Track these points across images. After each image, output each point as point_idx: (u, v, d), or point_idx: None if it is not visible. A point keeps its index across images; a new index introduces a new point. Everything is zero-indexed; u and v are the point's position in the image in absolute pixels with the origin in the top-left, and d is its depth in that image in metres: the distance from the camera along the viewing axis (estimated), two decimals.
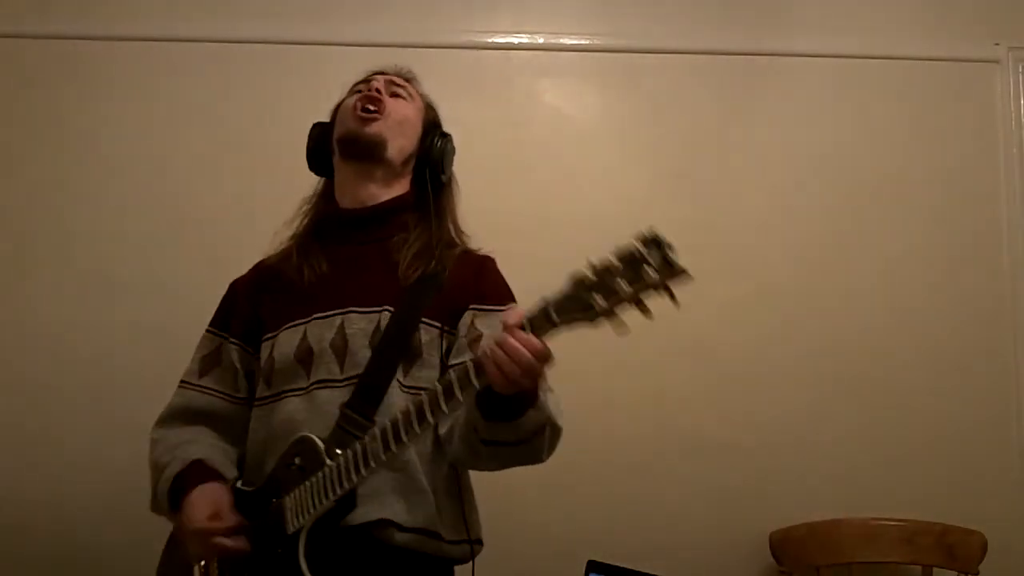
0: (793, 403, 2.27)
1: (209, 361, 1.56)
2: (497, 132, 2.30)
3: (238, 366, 1.54)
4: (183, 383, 1.57)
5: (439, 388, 1.22)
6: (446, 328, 1.46)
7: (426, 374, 1.42)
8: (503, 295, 1.51)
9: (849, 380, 2.29)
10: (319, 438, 1.35)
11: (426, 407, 1.22)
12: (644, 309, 1.11)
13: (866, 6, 2.43)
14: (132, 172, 2.23)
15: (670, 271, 1.08)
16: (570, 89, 2.36)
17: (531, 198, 2.27)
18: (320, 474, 1.31)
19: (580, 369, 1.50)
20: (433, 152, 1.58)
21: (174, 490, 1.42)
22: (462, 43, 2.31)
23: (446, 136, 1.63)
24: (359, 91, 1.56)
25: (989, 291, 2.38)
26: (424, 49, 2.20)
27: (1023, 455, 2.36)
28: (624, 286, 1.09)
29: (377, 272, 1.48)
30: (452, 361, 1.44)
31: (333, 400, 1.40)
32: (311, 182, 1.64)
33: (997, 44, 2.43)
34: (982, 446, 2.34)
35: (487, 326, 1.44)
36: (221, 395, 1.54)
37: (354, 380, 1.40)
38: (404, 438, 1.24)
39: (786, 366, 2.29)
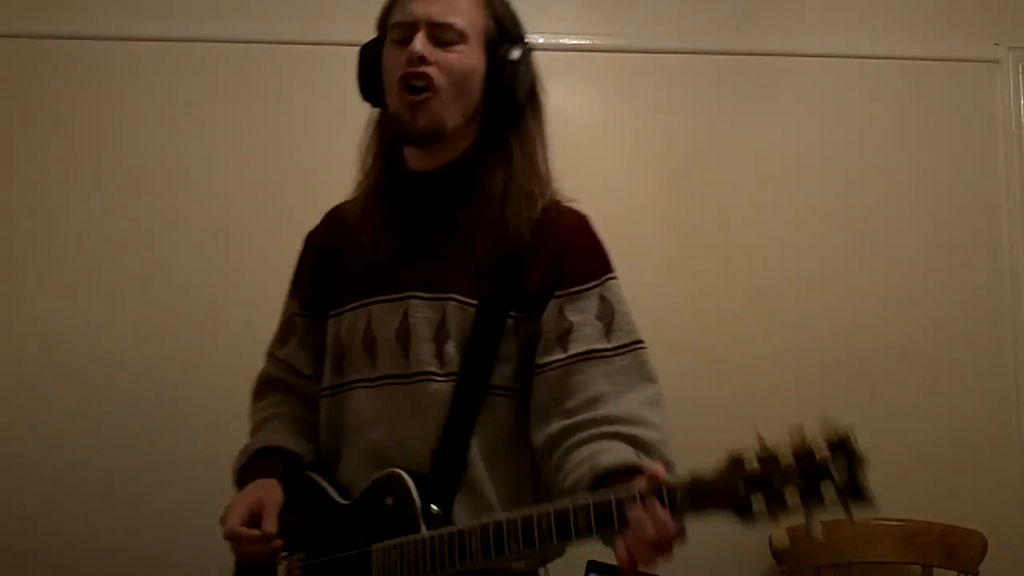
0: (793, 403, 2.26)
1: (286, 328, 1.48)
2: None
3: (305, 338, 1.45)
4: (268, 353, 1.50)
5: (552, 517, 1.06)
6: (524, 316, 1.29)
7: (501, 369, 1.28)
8: (595, 265, 1.32)
9: (849, 380, 2.29)
10: (413, 483, 1.23)
11: (535, 531, 1.08)
12: (812, 528, 0.92)
13: (866, 6, 2.43)
14: (132, 172, 2.23)
15: (856, 496, 0.90)
16: (570, 89, 2.35)
17: None
18: (413, 542, 1.19)
19: None
20: (504, 75, 1.31)
21: (240, 482, 1.37)
22: None
23: (516, 48, 1.33)
24: (400, 40, 1.29)
25: (989, 291, 2.38)
26: None
27: (1023, 455, 2.36)
28: (795, 497, 0.92)
29: (443, 249, 1.31)
30: (541, 360, 1.27)
31: (400, 399, 1.29)
32: (313, 182, 1.63)
33: (997, 44, 2.43)
34: (982, 446, 2.34)
35: (577, 311, 1.27)
36: (291, 369, 1.46)
37: (419, 377, 1.27)
38: (505, 552, 1.10)
39: (786, 366, 2.29)
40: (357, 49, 1.39)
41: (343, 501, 1.32)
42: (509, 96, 1.32)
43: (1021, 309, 2.38)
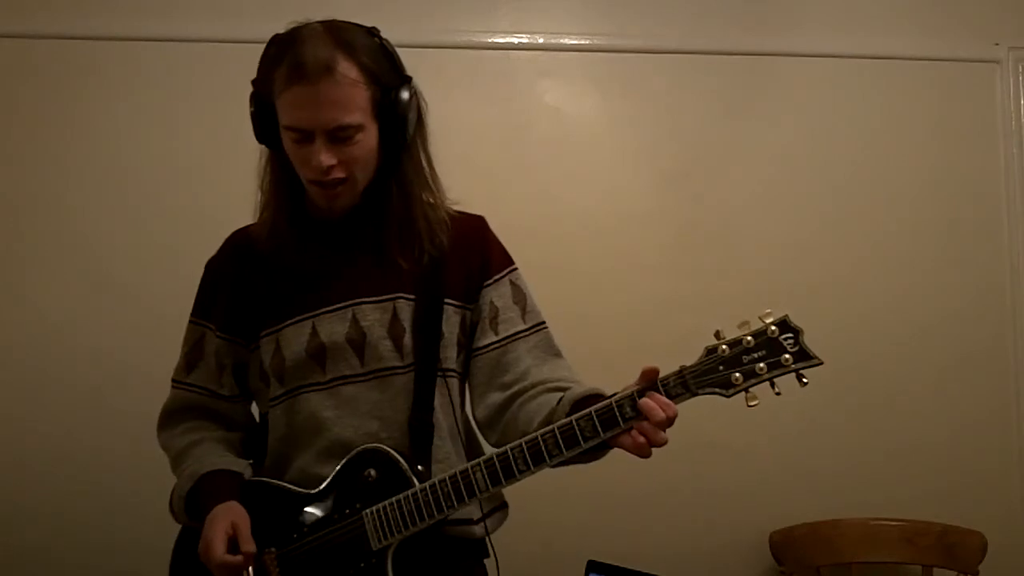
0: (793, 403, 2.26)
1: (194, 354, 1.52)
2: (497, 132, 2.30)
3: (224, 360, 1.49)
4: (173, 381, 1.54)
5: (557, 433, 1.24)
6: (461, 304, 1.46)
7: (449, 353, 1.44)
8: (505, 257, 1.51)
9: (849, 380, 2.29)
10: (392, 451, 1.35)
11: (543, 448, 1.25)
12: (775, 387, 1.24)
13: (866, 6, 2.43)
14: (132, 171, 2.22)
15: (807, 360, 1.23)
16: (570, 89, 2.36)
17: (531, 198, 2.28)
18: (411, 495, 1.31)
19: (579, 368, 1.49)
20: (396, 125, 1.38)
21: (190, 508, 1.41)
22: (462, 43, 2.31)
23: (404, 91, 1.38)
24: (298, 141, 1.34)
25: (989, 291, 2.39)
26: (424, 49, 2.20)
27: (1023, 455, 2.36)
28: (762, 367, 1.23)
29: (371, 260, 1.44)
30: (479, 344, 1.46)
31: (359, 396, 1.40)
32: None
33: (997, 44, 2.43)
34: (982, 446, 2.34)
35: (499, 296, 1.47)
36: (209, 393, 1.50)
37: (378, 373, 1.40)
38: (517, 475, 1.27)
39: None
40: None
41: (309, 491, 1.39)
42: (402, 137, 1.40)
43: (1021, 309, 2.38)
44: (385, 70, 1.37)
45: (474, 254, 1.47)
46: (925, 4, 2.44)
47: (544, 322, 1.50)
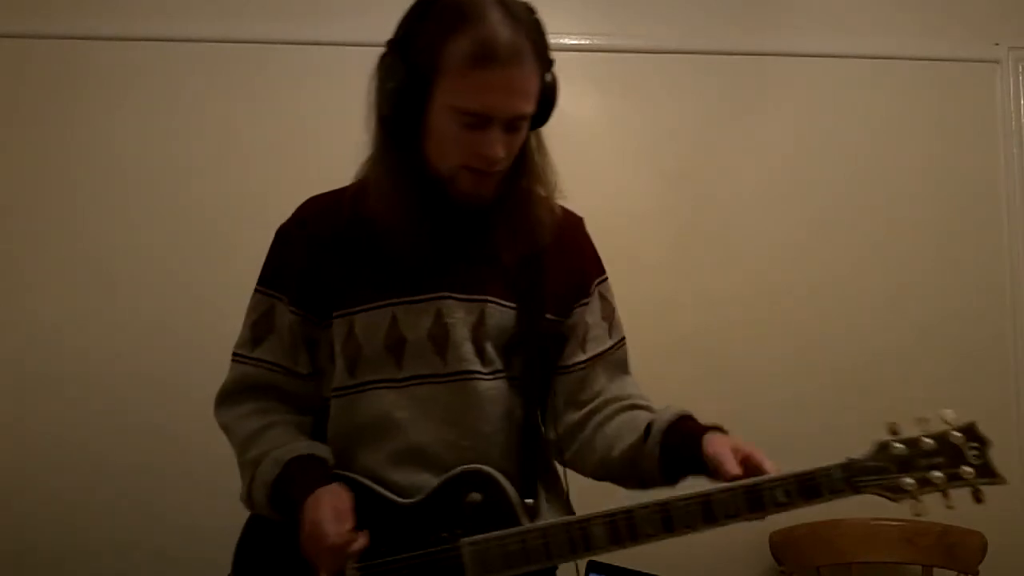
0: (793, 402, 2.27)
1: (262, 327, 1.36)
2: None
3: (298, 336, 1.34)
4: (236, 355, 1.38)
5: (697, 507, 1.15)
6: (556, 318, 1.37)
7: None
8: (597, 267, 1.44)
9: (850, 379, 2.29)
10: (502, 478, 1.25)
11: (676, 519, 1.16)
12: (948, 502, 1.11)
13: (866, 6, 2.43)
14: (133, 171, 2.22)
15: (989, 476, 1.13)
16: (570, 89, 2.33)
17: None
18: (518, 535, 1.19)
19: None
20: (544, 112, 1.33)
21: (276, 496, 1.27)
22: None
23: (552, 81, 1.33)
24: (470, 125, 1.22)
25: (989, 291, 2.39)
26: None
27: (1023, 455, 2.36)
28: (938, 476, 1.12)
29: (472, 252, 1.32)
30: (567, 361, 1.37)
31: (436, 399, 1.28)
32: (312, 181, 1.57)
33: (997, 44, 2.43)
34: None
35: (590, 312, 1.40)
36: (281, 369, 1.36)
37: (460, 376, 1.29)
38: (641, 539, 1.18)
39: (786, 364, 2.29)
40: (357, 49, 1.35)
41: (403, 501, 1.27)
42: (543, 124, 1.35)
43: (1021, 309, 2.38)
44: (544, 55, 1.28)
45: (571, 265, 1.39)
46: (925, 4, 2.44)
47: (624, 337, 1.44)
